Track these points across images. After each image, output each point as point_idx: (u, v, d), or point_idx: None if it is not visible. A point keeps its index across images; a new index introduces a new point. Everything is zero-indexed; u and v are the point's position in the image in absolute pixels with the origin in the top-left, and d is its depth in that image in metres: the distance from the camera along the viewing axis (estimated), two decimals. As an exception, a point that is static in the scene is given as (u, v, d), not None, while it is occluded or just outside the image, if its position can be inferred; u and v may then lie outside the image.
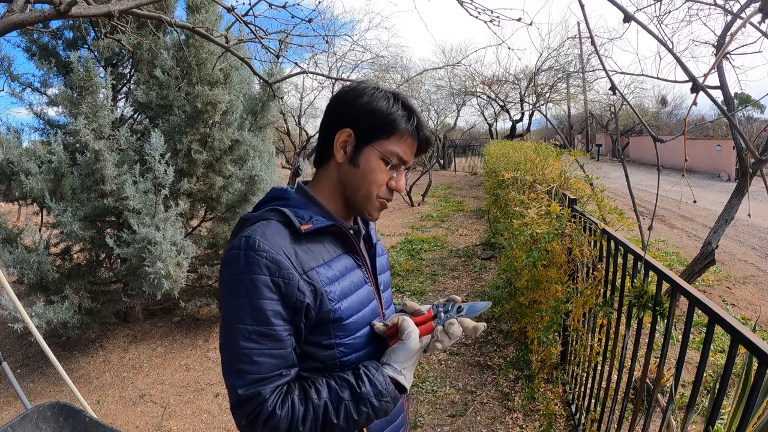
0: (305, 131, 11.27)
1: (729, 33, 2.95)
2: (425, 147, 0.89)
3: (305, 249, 0.79)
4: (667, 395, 1.99)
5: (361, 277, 0.88)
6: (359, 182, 0.84)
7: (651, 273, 1.51)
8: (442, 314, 0.85)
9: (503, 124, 24.05)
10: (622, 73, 1.55)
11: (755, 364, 1.03)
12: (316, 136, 0.92)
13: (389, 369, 0.81)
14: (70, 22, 3.52)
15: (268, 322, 0.73)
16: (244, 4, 2.23)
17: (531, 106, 15.41)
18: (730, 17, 2.93)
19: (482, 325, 0.84)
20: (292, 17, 2.36)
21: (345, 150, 0.85)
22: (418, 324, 0.84)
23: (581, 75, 14.67)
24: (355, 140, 0.84)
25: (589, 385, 2.12)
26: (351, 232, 0.87)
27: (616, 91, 0.93)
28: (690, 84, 0.78)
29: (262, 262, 0.73)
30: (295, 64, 4.58)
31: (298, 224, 0.78)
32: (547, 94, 15.26)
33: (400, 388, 0.81)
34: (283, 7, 2.30)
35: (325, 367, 0.81)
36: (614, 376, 1.80)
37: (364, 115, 0.83)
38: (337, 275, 0.82)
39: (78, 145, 3.12)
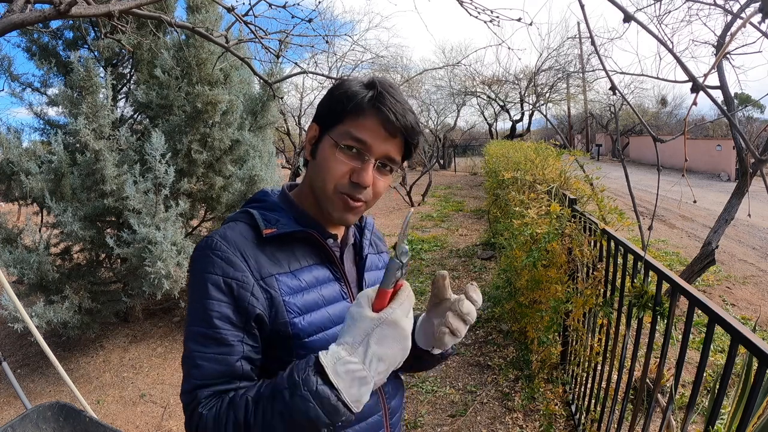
0: (305, 131, 11.26)
1: (729, 33, 2.95)
2: (397, 129, 0.71)
3: (269, 254, 0.72)
4: (667, 395, 1.99)
5: (337, 292, 0.78)
6: (315, 174, 0.76)
7: (651, 273, 1.51)
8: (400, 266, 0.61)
9: (503, 124, 24.07)
10: (622, 73, 1.55)
11: (755, 364, 1.03)
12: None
13: (323, 355, 0.58)
14: (70, 22, 3.52)
15: (212, 325, 0.66)
16: (244, 4, 2.23)
17: (531, 106, 15.44)
18: (730, 17, 2.93)
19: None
20: (292, 17, 2.36)
21: (312, 146, 0.79)
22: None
23: (581, 75, 14.68)
24: (319, 134, 0.77)
25: (589, 385, 2.13)
26: (330, 241, 0.78)
27: (616, 91, 0.93)
28: (690, 84, 0.78)
29: (217, 261, 0.68)
30: (295, 64, 4.58)
31: (263, 227, 0.73)
32: (547, 94, 15.29)
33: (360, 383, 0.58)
34: (283, 7, 2.30)
35: None
36: (614, 376, 1.80)
37: (324, 104, 0.77)
38: (303, 286, 0.73)
39: (78, 145, 3.12)
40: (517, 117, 16.07)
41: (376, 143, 0.72)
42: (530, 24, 2.08)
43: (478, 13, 1.98)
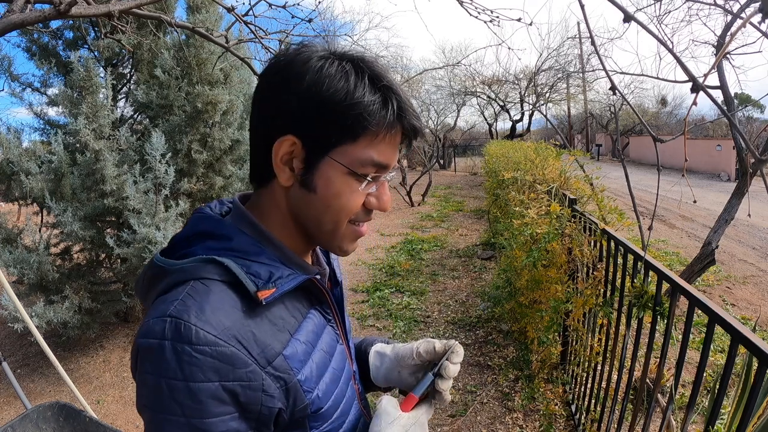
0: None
1: (729, 33, 2.95)
2: (413, 137, 0.59)
3: (266, 323, 0.53)
4: (667, 395, 1.99)
5: (333, 338, 0.65)
6: (321, 214, 0.57)
7: (651, 273, 1.51)
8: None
9: (503, 124, 24.07)
10: (622, 73, 1.56)
11: (755, 364, 1.04)
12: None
13: None
14: (70, 22, 3.52)
15: None
16: (244, 4, 2.24)
17: (531, 106, 15.45)
18: (730, 17, 2.93)
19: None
20: (292, 17, 2.36)
21: (291, 167, 0.56)
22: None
23: (581, 75, 14.68)
24: (304, 151, 0.55)
25: (589, 385, 2.13)
26: (318, 277, 0.62)
27: (616, 91, 0.94)
28: (690, 84, 0.78)
29: (207, 362, 0.47)
30: (295, 64, 4.58)
31: (254, 289, 0.51)
32: (547, 94, 15.30)
33: None
34: (283, 7, 2.30)
35: None
36: (614, 376, 1.80)
37: (311, 110, 0.53)
38: (308, 349, 0.57)
39: (78, 145, 3.12)
40: (517, 117, 16.10)
41: (394, 159, 0.58)
42: (530, 24, 2.08)
43: (478, 13, 1.98)
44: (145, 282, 0.58)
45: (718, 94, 3.12)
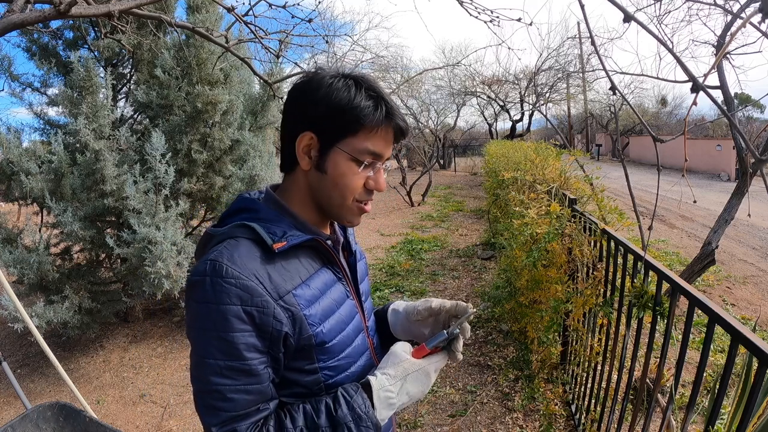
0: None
1: (729, 33, 2.95)
2: (402, 134, 0.78)
3: (280, 269, 0.71)
4: (667, 395, 1.99)
5: (343, 292, 0.81)
6: (330, 190, 0.75)
7: (651, 273, 1.51)
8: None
9: (503, 124, 24.06)
10: (622, 73, 1.56)
11: (755, 364, 1.03)
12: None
13: (373, 380, 0.74)
14: (70, 22, 3.52)
15: (241, 357, 0.66)
16: (244, 4, 2.24)
17: (531, 106, 15.44)
18: (730, 17, 2.93)
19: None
20: (292, 17, 2.37)
21: (309, 155, 0.75)
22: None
23: (581, 75, 14.68)
24: (318, 143, 0.74)
25: (589, 385, 2.13)
26: (329, 243, 0.80)
27: (616, 91, 0.94)
28: (690, 84, 0.78)
29: (232, 290, 0.66)
30: (295, 64, 4.60)
31: (270, 242, 0.70)
32: (547, 94, 15.28)
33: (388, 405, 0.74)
34: (283, 7, 2.30)
35: (310, 392, 0.76)
36: (614, 376, 1.80)
37: (324, 113, 0.73)
38: (317, 294, 0.75)
39: (78, 145, 3.12)
40: (517, 117, 16.07)
41: (387, 151, 0.77)
42: (530, 24, 2.08)
43: (478, 13, 1.99)
44: (200, 245, 0.79)
45: (718, 94, 3.11)
